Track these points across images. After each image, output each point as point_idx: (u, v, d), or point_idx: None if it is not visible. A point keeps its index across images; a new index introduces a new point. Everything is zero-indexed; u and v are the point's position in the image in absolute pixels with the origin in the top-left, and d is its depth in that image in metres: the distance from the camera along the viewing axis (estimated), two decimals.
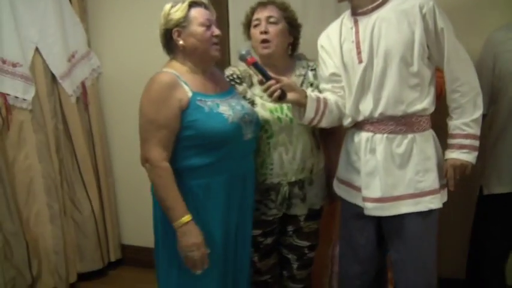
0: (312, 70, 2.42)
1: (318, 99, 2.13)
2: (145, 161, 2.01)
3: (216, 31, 2.10)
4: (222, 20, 2.96)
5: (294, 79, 2.35)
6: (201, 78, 2.11)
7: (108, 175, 3.46)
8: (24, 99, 2.93)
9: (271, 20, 2.30)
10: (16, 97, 2.89)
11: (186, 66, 2.09)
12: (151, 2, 3.09)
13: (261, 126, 2.29)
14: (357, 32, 2.07)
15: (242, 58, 2.08)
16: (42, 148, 3.02)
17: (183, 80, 2.03)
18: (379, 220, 2.18)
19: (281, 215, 2.43)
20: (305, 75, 2.40)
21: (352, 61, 2.08)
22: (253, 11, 2.38)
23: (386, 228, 2.19)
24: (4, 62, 2.83)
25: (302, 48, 2.48)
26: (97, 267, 3.39)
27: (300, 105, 2.12)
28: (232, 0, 3.13)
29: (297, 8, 2.49)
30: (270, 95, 2.01)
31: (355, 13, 2.10)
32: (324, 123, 2.20)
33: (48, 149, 3.07)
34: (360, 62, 2.05)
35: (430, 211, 2.08)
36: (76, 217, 3.26)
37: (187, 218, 1.96)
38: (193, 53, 2.08)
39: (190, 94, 2.01)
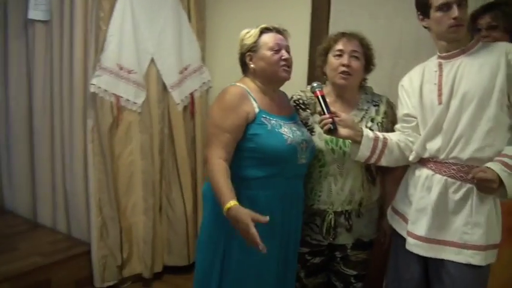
0: (375, 105, 2.45)
1: (375, 139, 2.20)
2: (205, 161, 2.19)
3: (285, 55, 2.25)
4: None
5: (355, 112, 2.42)
6: (268, 99, 2.27)
7: (204, 180, 3.71)
8: (135, 103, 3.33)
9: (355, 54, 2.37)
10: (128, 100, 3.30)
11: (256, 85, 2.27)
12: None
13: (315, 153, 2.36)
14: (440, 75, 2.09)
15: (312, 89, 2.23)
16: (145, 147, 3.39)
17: (252, 96, 2.21)
18: (426, 259, 2.13)
19: (326, 244, 2.45)
20: (367, 110, 2.44)
21: (431, 102, 2.10)
22: (336, 40, 2.43)
23: (431, 270, 2.14)
24: (121, 68, 3.25)
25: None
26: (183, 263, 3.64)
27: (355, 142, 2.20)
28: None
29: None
30: (322, 127, 2.16)
31: (441, 57, 2.12)
32: (384, 162, 2.25)
33: (151, 149, 3.44)
34: (440, 103, 2.06)
35: (476, 267, 1.99)
36: (169, 214, 3.58)
37: (230, 203, 1.96)
38: (263, 75, 2.26)
39: (257, 110, 2.19)
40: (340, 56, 2.37)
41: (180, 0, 3.55)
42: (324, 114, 2.17)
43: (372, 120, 2.41)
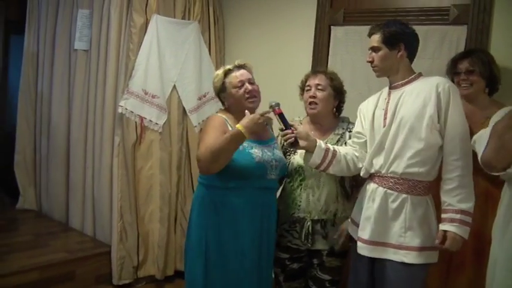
0: (349, 131, 2.82)
1: (326, 149, 2.57)
2: (198, 159, 2.55)
3: (248, 87, 2.63)
4: None
5: (332, 136, 2.82)
6: None
7: None
8: (157, 124, 3.80)
9: (319, 87, 2.80)
10: (150, 121, 3.77)
11: (233, 116, 2.69)
12: (284, 59, 3.91)
13: (286, 171, 2.77)
14: (387, 102, 2.49)
15: (271, 107, 2.59)
16: (164, 163, 3.85)
17: (230, 124, 2.64)
18: (374, 262, 2.49)
19: (304, 249, 2.79)
20: (342, 135, 2.83)
21: (379, 125, 2.49)
22: (307, 78, 2.89)
23: (376, 271, 2.50)
24: (146, 93, 3.74)
25: None
26: None
27: (309, 152, 2.57)
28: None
29: None
30: (286, 141, 2.55)
31: (390, 87, 2.53)
32: (331, 171, 2.62)
33: (170, 165, 3.90)
34: (384, 126, 2.45)
35: (409, 265, 2.35)
36: (183, 224, 3.96)
37: (237, 127, 2.44)
38: (234, 109, 2.69)
39: None
40: (309, 90, 2.80)
41: (202, 35, 4.05)
42: (285, 129, 2.53)
43: (346, 144, 2.77)
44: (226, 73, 2.70)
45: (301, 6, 3.85)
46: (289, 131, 2.52)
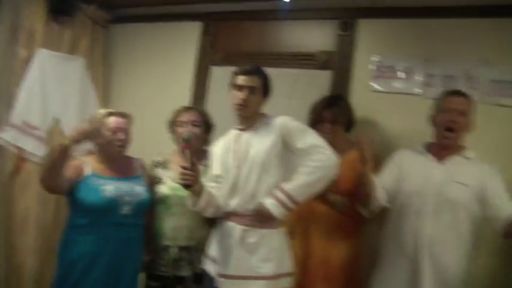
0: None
1: (210, 193, 2.63)
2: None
3: (121, 136, 2.78)
4: None
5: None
6: (104, 166, 2.82)
7: None
8: (36, 155, 3.78)
9: (195, 123, 2.95)
10: (30, 152, 3.77)
11: (96, 156, 2.83)
12: (165, 97, 4.03)
13: (144, 207, 2.84)
14: (236, 143, 2.64)
15: (183, 141, 2.60)
16: (42, 194, 3.84)
17: (88, 164, 2.77)
18: None
19: (170, 275, 2.86)
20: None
21: (230, 165, 2.61)
22: (178, 113, 3.03)
23: None
24: (27, 124, 3.74)
25: None
26: None
27: (197, 195, 2.60)
28: None
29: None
30: (181, 179, 2.50)
31: (238, 129, 2.68)
32: (209, 214, 2.67)
33: (47, 195, 3.88)
34: (235, 167, 2.58)
35: None
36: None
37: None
38: (102, 150, 2.82)
39: (86, 173, 2.74)
40: (181, 126, 2.95)
41: (88, 71, 4.18)
42: (187, 168, 2.46)
43: None
44: (108, 115, 2.82)
45: (183, 47, 4.08)
46: (191, 173, 2.47)
